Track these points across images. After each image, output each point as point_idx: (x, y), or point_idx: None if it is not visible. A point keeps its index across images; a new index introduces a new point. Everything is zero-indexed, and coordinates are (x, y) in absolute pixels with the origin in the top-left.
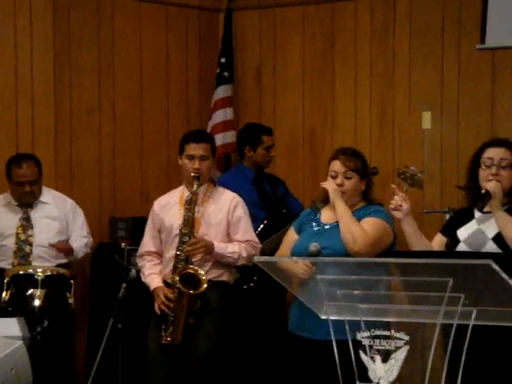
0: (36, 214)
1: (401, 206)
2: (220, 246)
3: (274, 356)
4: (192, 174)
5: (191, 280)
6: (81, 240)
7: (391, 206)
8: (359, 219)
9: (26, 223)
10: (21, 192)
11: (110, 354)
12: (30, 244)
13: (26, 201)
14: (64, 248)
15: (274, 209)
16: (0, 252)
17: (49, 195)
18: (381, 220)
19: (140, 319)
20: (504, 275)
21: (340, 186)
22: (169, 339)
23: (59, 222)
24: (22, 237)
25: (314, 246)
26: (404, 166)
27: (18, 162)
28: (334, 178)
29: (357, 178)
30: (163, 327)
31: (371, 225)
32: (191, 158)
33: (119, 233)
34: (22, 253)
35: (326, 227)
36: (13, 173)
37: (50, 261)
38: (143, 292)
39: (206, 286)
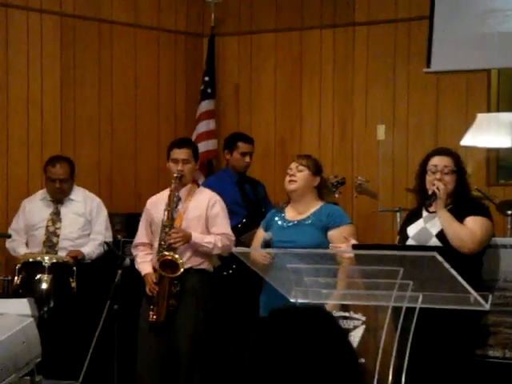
0: (65, 210)
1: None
2: (198, 237)
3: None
4: (175, 175)
5: (170, 265)
6: (93, 243)
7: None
8: (328, 219)
9: (56, 217)
10: (52, 188)
11: (107, 331)
12: (57, 236)
13: (56, 196)
14: (75, 255)
15: (254, 208)
16: (31, 240)
17: (79, 193)
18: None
19: (133, 301)
20: (446, 265)
21: (292, 176)
22: (154, 317)
23: (84, 218)
24: (51, 229)
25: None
26: (354, 177)
27: (53, 161)
28: (288, 174)
29: (308, 172)
30: (151, 307)
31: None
32: (175, 161)
33: (116, 226)
34: (50, 243)
35: (289, 224)
36: (47, 170)
37: None
38: (135, 278)
39: (182, 269)
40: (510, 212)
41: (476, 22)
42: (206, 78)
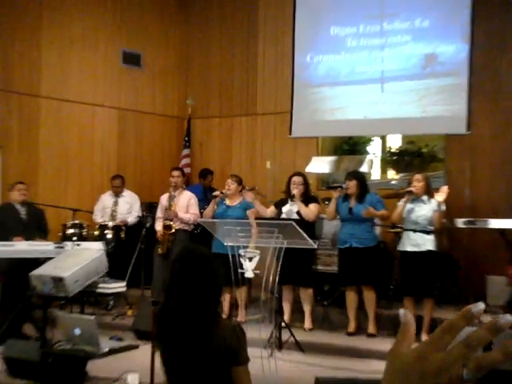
0: (120, 200)
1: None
2: (181, 215)
3: None
4: (172, 184)
5: (169, 227)
6: (133, 215)
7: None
8: (247, 207)
9: (115, 203)
10: (113, 189)
11: (139, 258)
12: (116, 212)
13: (116, 192)
14: (124, 221)
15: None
16: (104, 214)
17: (127, 193)
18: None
19: (151, 244)
20: (298, 228)
21: (228, 186)
22: (160, 251)
23: (130, 204)
24: (114, 208)
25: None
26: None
27: (115, 177)
28: (226, 185)
29: (237, 184)
30: (159, 246)
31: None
32: (173, 177)
33: (142, 208)
34: (113, 216)
35: (229, 206)
36: (112, 182)
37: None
38: (152, 233)
39: (174, 230)
40: (326, 202)
41: (319, 114)
42: (186, 138)
